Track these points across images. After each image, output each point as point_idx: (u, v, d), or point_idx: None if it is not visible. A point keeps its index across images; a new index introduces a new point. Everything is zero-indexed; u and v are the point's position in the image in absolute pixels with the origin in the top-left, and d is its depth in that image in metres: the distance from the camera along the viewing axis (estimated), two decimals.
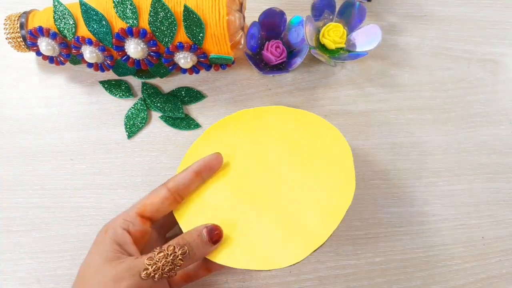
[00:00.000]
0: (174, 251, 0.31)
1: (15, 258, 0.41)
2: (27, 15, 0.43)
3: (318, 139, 0.37)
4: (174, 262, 0.30)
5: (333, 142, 0.37)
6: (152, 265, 0.30)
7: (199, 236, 0.32)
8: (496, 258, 0.42)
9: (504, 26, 0.51)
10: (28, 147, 0.44)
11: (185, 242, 0.32)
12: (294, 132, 0.38)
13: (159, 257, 0.30)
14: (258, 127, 0.39)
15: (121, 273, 0.29)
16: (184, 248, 0.31)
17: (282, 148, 0.37)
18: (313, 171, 0.35)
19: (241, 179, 0.36)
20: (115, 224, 0.33)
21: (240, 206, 0.35)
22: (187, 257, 0.31)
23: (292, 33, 0.46)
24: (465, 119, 0.47)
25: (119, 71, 0.46)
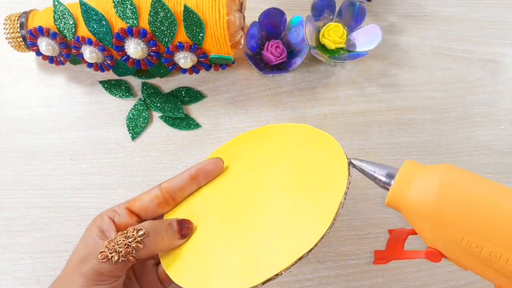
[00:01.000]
0: (133, 233, 0.30)
1: (15, 258, 0.41)
2: (27, 15, 0.43)
3: (323, 172, 0.33)
4: (132, 245, 0.29)
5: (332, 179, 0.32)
6: (110, 248, 0.29)
7: (168, 225, 0.31)
8: None
9: (504, 26, 0.51)
10: (28, 147, 0.44)
11: (149, 226, 0.30)
12: (302, 157, 0.34)
13: (117, 239, 0.29)
14: (273, 145, 0.37)
15: (86, 255, 0.29)
16: (141, 230, 0.30)
17: (283, 173, 0.34)
18: (295, 203, 0.31)
19: (230, 196, 0.34)
20: (103, 213, 0.33)
21: (217, 222, 0.33)
22: (147, 241, 0.30)
23: (292, 33, 0.46)
24: (465, 119, 0.47)
25: (119, 71, 0.46)
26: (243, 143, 0.39)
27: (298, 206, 0.31)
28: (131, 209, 0.34)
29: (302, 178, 0.33)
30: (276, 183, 0.33)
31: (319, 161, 0.33)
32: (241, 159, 0.36)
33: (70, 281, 0.29)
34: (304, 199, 0.31)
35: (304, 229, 0.30)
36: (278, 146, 0.36)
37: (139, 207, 0.34)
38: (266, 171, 0.34)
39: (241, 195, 0.34)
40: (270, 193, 0.33)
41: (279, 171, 0.34)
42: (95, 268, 0.29)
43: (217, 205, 0.34)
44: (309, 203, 0.31)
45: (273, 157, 0.35)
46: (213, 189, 0.35)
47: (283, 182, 0.33)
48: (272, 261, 0.29)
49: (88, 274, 0.29)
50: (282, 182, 0.33)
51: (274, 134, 0.38)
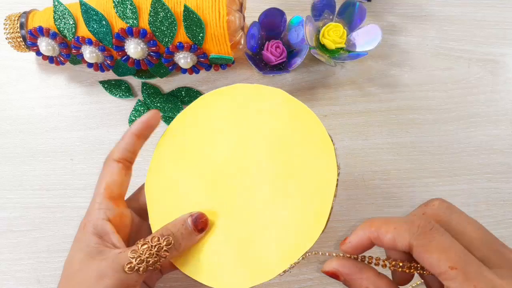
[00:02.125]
0: (159, 242, 0.29)
1: (15, 258, 0.41)
2: (27, 15, 0.43)
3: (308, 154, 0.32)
4: (159, 254, 0.29)
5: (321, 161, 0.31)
6: (136, 258, 0.29)
7: (183, 226, 0.31)
8: None
9: (504, 26, 0.51)
10: (28, 147, 0.44)
11: (169, 233, 0.30)
12: (285, 132, 0.33)
13: (143, 249, 0.29)
14: (248, 112, 0.34)
15: (104, 269, 0.29)
16: (169, 239, 0.30)
17: (266, 148, 0.33)
18: (288, 190, 0.31)
19: (215, 173, 0.33)
20: (90, 217, 0.32)
21: (210, 206, 0.33)
22: (172, 247, 0.30)
23: (292, 33, 0.46)
24: (465, 119, 0.47)
25: (119, 71, 0.46)
26: (212, 106, 0.35)
27: (292, 201, 0.31)
28: (112, 196, 0.33)
29: (289, 164, 0.32)
30: (262, 167, 0.32)
31: (304, 143, 0.32)
32: (215, 128, 0.34)
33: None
34: (295, 196, 0.31)
35: (303, 226, 0.30)
36: (254, 114, 0.34)
37: (116, 188, 0.33)
38: (247, 148, 0.33)
39: (228, 180, 0.33)
40: (258, 179, 0.32)
41: (262, 149, 0.33)
42: (120, 281, 0.28)
43: (206, 188, 0.33)
44: (303, 199, 0.31)
45: (252, 129, 0.33)
46: (198, 173, 0.34)
47: (270, 166, 0.32)
48: (276, 259, 0.30)
49: (112, 286, 0.28)
50: (269, 165, 0.32)
51: (247, 97, 0.35)
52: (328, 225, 0.31)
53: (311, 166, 0.31)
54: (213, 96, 0.35)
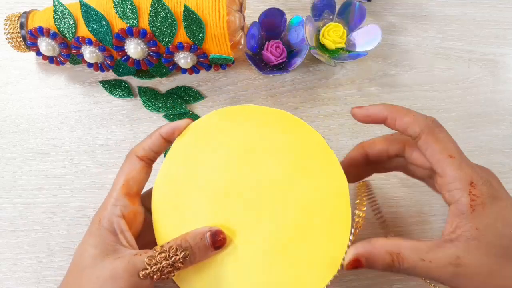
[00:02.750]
0: (176, 253, 0.29)
1: (15, 258, 0.41)
2: (27, 15, 0.43)
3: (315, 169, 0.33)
4: (175, 265, 0.29)
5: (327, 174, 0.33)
6: (152, 265, 0.29)
7: (202, 240, 0.30)
8: None
9: (504, 26, 0.51)
10: (28, 147, 0.44)
11: (187, 245, 0.30)
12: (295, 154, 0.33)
13: (160, 257, 0.29)
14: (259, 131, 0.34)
15: (119, 270, 0.28)
16: (186, 252, 0.29)
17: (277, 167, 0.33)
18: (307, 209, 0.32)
19: (226, 190, 0.32)
20: (106, 212, 0.32)
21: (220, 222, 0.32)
22: (187, 260, 0.30)
23: (292, 33, 0.46)
24: (465, 119, 0.47)
25: (119, 71, 0.46)
26: (226, 121, 0.35)
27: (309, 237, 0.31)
28: (129, 193, 0.33)
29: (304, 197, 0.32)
30: (277, 194, 0.32)
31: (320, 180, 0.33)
32: (228, 143, 0.34)
33: None
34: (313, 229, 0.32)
35: (333, 235, 0.31)
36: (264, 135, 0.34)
37: (134, 185, 0.33)
38: (262, 170, 0.33)
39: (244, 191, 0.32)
40: (274, 207, 0.32)
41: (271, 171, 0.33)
42: (134, 284, 0.28)
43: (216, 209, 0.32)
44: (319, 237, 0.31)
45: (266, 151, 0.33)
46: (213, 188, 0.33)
47: (287, 197, 0.32)
48: (317, 276, 0.30)
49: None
50: (285, 196, 0.32)
51: (260, 120, 0.34)
52: None
53: (326, 206, 0.33)
54: (229, 112, 0.35)
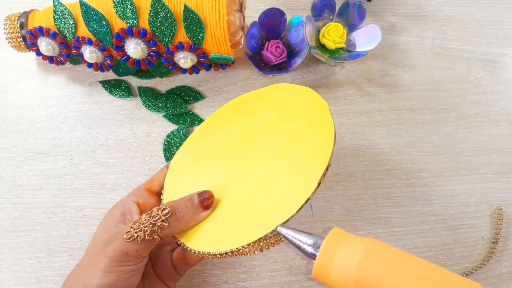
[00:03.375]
0: (157, 212, 0.31)
1: (15, 258, 0.41)
2: (27, 15, 0.43)
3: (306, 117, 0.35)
4: (158, 224, 0.30)
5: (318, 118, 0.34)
6: (135, 227, 0.30)
7: (189, 200, 0.32)
8: (496, 258, 0.42)
9: (504, 26, 0.51)
10: (28, 147, 0.44)
11: (172, 204, 0.32)
12: (285, 110, 0.37)
13: (142, 219, 0.30)
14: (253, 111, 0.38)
15: (110, 237, 0.30)
16: (166, 209, 0.31)
17: (271, 128, 0.37)
18: (290, 147, 0.35)
19: (228, 160, 0.36)
20: (124, 199, 0.34)
21: (222, 185, 0.35)
22: (171, 220, 0.31)
23: (292, 33, 0.46)
24: (465, 119, 0.47)
25: (119, 71, 0.46)
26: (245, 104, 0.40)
27: (292, 165, 0.33)
28: (150, 190, 0.36)
29: (289, 133, 0.35)
30: (269, 150, 0.35)
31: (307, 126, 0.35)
32: (238, 122, 0.38)
33: (94, 263, 0.30)
34: (297, 157, 0.33)
35: (303, 173, 0.32)
36: (276, 109, 0.37)
37: (157, 185, 0.36)
38: (262, 136, 0.36)
39: (238, 161, 0.36)
40: (264, 159, 0.35)
41: (266, 133, 0.36)
42: (121, 248, 0.30)
43: (219, 172, 0.36)
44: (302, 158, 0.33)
45: (270, 122, 0.37)
46: (213, 157, 0.37)
47: (277, 148, 0.35)
48: (293, 194, 0.31)
49: (114, 255, 0.30)
50: (276, 148, 0.35)
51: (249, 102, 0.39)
52: (328, 225, 0.31)
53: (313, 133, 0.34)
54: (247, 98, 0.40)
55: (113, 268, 0.29)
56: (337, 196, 0.43)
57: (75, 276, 0.31)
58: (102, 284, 0.29)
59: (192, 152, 0.39)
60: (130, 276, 0.30)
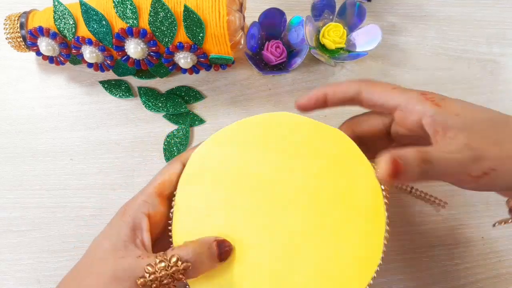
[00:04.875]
0: (177, 264, 0.28)
1: (15, 258, 0.41)
2: (27, 15, 0.43)
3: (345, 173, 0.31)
4: (174, 276, 0.28)
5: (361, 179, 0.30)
6: (150, 274, 0.27)
7: (208, 250, 0.29)
8: (496, 258, 0.42)
9: (504, 26, 0.51)
10: (28, 147, 0.44)
11: (189, 256, 0.28)
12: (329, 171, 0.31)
13: (159, 267, 0.28)
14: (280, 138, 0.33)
15: (120, 272, 0.28)
16: (187, 264, 0.28)
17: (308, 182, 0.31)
18: (330, 233, 0.30)
19: (249, 198, 0.31)
20: (134, 206, 0.31)
21: (239, 232, 0.31)
22: (189, 272, 0.28)
23: (292, 33, 0.46)
24: None
25: (119, 71, 0.46)
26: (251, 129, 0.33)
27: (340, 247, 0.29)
28: (162, 194, 0.32)
29: (336, 204, 0.31)
30: (307, 204, 0.31)
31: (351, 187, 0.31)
32: (252, 152, 0.32)
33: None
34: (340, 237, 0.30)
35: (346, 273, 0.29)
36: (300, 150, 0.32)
37: (169, 187, 0.32)
38: (290, 181, 0.31)
39: (270, 206, 0.31)
40: (297, 213, 0.30)
41: (307, 187, 0.31)
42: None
43: (247, 218, 0.31)
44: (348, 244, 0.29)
45: (298, 165, 0.32)
46: (239, 195, 0.32)
47: (316, 203, 0.31)
48: (357, 276, 0.28)
49: None
50: (314, 202, 0.31)
51: (291, 129, 0.33)
52: None
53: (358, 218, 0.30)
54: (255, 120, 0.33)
55: None
56: None
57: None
58: None
59: (216, 156, 0.32)
60: None
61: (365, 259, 0.29)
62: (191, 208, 0.32)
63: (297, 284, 0.29)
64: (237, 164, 0.32)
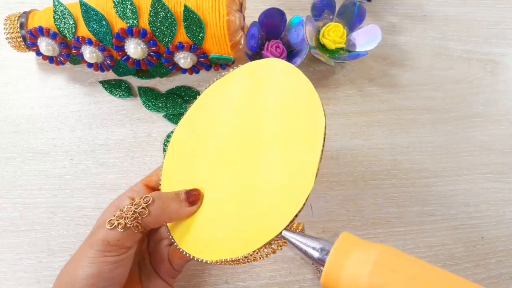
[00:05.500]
0: (139, 200, 0.31)
1: (15, 258, 0.41)
2: (27, 15, 0.43)
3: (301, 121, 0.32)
4: (138, 211, 0.30)
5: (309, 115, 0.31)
6: (117, 215, 0.30)
7: (176, 194, 0.32)
8: (496, 258, 0.42)
9: (504, 26, 0.51)
10: (28, 147, 0.44)
11: (155, 193, 0.32)
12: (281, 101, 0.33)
13: (124, 208, 0.31)
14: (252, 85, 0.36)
15: (95, 228, 0.31)
16: (148, 197, 0.31)
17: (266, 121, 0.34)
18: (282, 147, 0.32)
19: (220, 152, 0.35)
20: (121, 195, 0.34)
21: (216, 181, 0.34)
22: (153, 208, 0.31)
23: (292, 33, 0.46)
24: (465, 119, 0.47)
25: (119, 71, 0.46)
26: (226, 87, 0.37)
27: (286, 165, 0.31)
28: (148, 185, 0.36)
29: (284, 128, 0.32)
30: (261, 134, 0.33)
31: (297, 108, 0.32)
32: (224, 106, 0.36)
33: (82, 255, 0.30)
34: (289, 153, 0.31)
35: (291, 192, 0.30)
36: (258, 87, 0.35)
37: (156, 181, 0.36)
38: (251, 120, 0.34)
39: (233, 151, 0.34)
40: (258, 147, 0.33)
41: (262, 119, 0.34)
42: (102, 237, 0.30)
43: (213, 167, 0.34)
44: (294, 158, 0.31)
45: (255, 101, 0.35)
46: (208, 151, 0.35)
47: (268, 133, 0.33)
48: (271, 224, 0.30)
49: (96, 245, 0.29)
50: (267, 132, 0.33)
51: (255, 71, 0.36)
52: (328, 225, 0.31)
53: (302, 123, 0.31)
54: (218, 84, 0.38)
55: (97, 259, 0.29)
56: (337, 196, 0.43)
57: (66, 268, 0.31)
58: (86, 275, 0.29)
59: (186, 143, 0.37)
60: (114, 267, 0.30)
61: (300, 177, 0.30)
62: (175, 181, 0.36)
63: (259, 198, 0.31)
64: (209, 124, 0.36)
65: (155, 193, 0.32)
